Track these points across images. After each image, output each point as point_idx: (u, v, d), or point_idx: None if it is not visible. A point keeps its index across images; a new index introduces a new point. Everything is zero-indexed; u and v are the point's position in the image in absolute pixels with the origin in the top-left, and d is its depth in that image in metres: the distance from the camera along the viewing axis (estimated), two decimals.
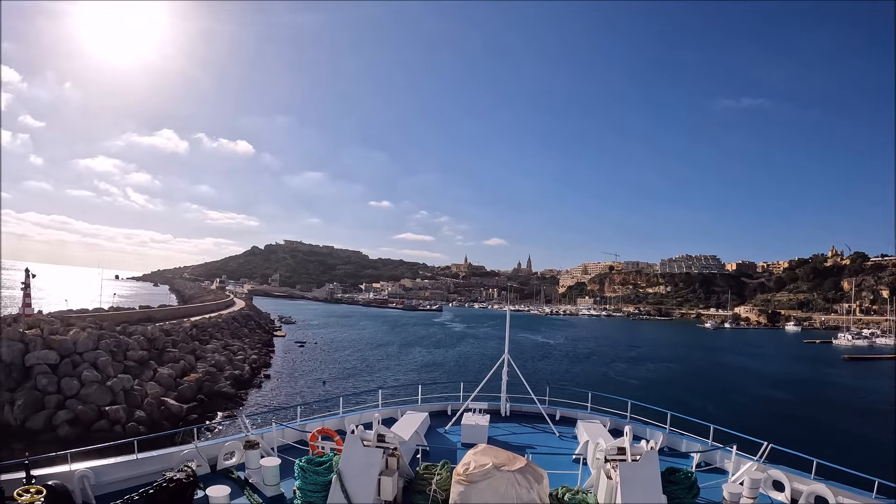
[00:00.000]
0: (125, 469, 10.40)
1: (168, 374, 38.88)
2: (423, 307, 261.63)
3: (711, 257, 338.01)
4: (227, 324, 67.94)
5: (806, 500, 10.96)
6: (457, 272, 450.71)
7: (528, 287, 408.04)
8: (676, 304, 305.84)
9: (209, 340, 54.59)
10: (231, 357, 51.69)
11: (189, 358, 44.93)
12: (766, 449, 12.18)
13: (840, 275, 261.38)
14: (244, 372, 48.92)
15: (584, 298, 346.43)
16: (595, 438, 13.04)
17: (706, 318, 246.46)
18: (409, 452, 12.11)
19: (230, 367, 48.45)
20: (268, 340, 76.59)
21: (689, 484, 9.90)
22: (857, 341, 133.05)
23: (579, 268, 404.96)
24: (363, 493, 8.94)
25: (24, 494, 7.68)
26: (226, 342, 57.53)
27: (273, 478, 10.71)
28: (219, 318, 66.83)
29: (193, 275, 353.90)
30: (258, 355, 59.33)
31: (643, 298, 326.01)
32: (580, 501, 9.31)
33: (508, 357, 17.76)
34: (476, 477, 8.51)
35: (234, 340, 60.75)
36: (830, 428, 41.59)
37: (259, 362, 56.07)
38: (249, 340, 66.95)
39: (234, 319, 74.50)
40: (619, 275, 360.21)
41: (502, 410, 18.32)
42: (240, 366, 50.09)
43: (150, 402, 33.46)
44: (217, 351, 51.32)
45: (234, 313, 79.93)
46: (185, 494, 9.12)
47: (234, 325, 69.97)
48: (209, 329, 58.40)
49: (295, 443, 13.45)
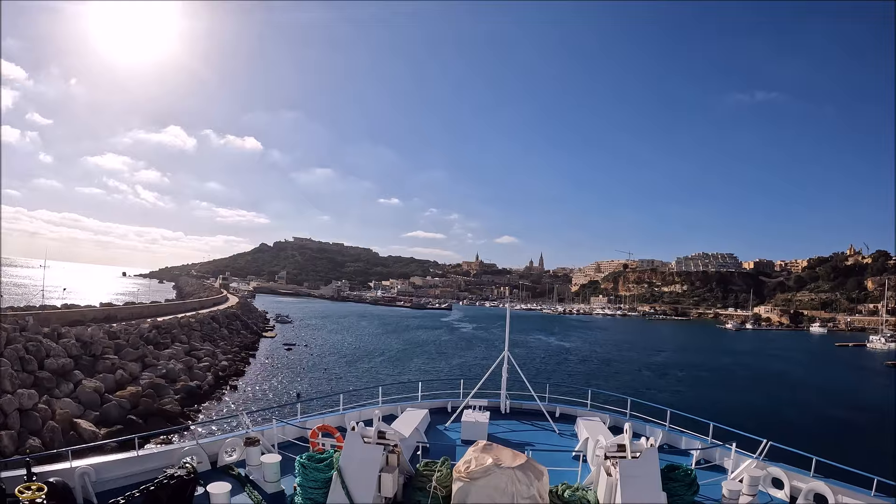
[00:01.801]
0: (126, 466, 10.27)
1: (94, 387, 31.74)
2: (431, 306, 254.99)
3: (728, 255, 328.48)
4: (202, 324, 60.70)
5: (805, 497, 10.82)
6: (468, 270, 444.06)
7: (541, 285, 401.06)
8: (693, 304, 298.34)
9: (170, 344, 47.43)
10: (192, 364, 44.50)
11: (132, 367, 37.83)
12: (765, 446, 11.96)
13: (862, 274, 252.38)
14: (204, 383, 41.73)
15: (598, 297, 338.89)
16: (595, 435, 12.97)
17: (725, 319, 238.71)
18: (410, 449, 12.02)
19: (187, 376, 41.30)
20: (252, 343, 69.47)
21: (688, 481, 9.77)
22: (891, 344, 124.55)
23: (592, 266, 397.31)
24: (363, 490, 8.87)
25: (25, 492, 7.42)
26: (192, 346, 50.35)
27: (273, 474, 10.48)
28: (191, 318, 59.55)
29: (200, 272, 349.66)
30: (231, 361, 52.14)
31: (659, 297, 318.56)
32: (580, 498, 9.16)
33: (508, 354, 17.90)
34: (476, 474, 8.49)
35: (205, 344, 53.55)
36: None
37: (229, 370, 48.85)
38: (226, 343, 59.80)
39: (214, 319, 67.22)
40: (634, 273, 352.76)
41: (502, 407, 18.19)
42: (200, 375, 42.91)
43: (53, 427, 26.20)
44: (176, 357, 44.17)
45: (216, 312, 72.83)
46: (186, 491, 8.92)
47: (211, 326, 62.68)
48: (173, 331, 51.18)
49: (295, 439, 13.13)
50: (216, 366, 47.74)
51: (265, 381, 49.19)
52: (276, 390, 44.65)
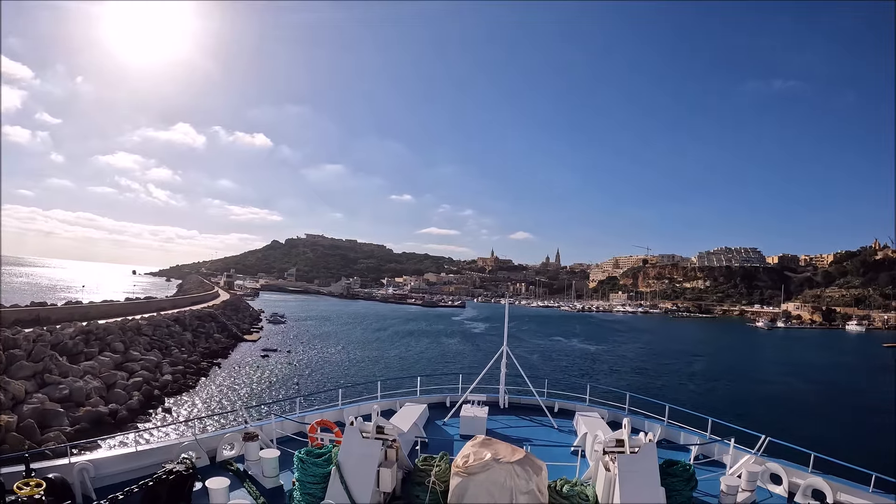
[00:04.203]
0: (125, 461, 10.17)
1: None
2: (443, 303, 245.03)
3: (752, 250, 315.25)
4: (156, 327, 51.38)
5: (803, 493, 10.87)
6: (483, 266, 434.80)
7: (558, 281, 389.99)
8: (717, 300, 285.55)
9: (95, 354, 38.18)
10: (116, 381, 35.30)
11: (17, 387, 28.57)
12: (763, 442, 12.01)
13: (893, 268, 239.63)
14: (124, 406, 32.48)
15: (617, 293, 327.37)
16: (593, 431, 12.91)
17: (754, 317, 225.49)
18: (408, 444, 12.00)
19: (101, 398, 32.15)
20: (223, 349, 60.18)
21: (687, 476, 9.68)
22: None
23: (610, 261, 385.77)
24: (362, 485, 8.81)
25: (24, 488, 7.16)
26: (128, 356, 41.07)
27: (272, 469, 10.40)
28: (142, 321, 50.27)
29: (210, 270, 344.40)
30: (181, 374, 42.86)
31: (680, 294, 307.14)
32: (578, 493, 9.07)
33: (507, 349, 17.78)
34: (475, 469, 8.44)
35: (150, 353, 44.22)
36: None
37: (171, 387, 39.56)
38: (185, 351, 50.50)
39: (177, 321, 57.98)
40: (654, 268, 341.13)
41: (501, 402, 18.01)
42: (122, 396, 33.66)
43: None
44: (92, 372, 34.94)
45: (184, 313, 63.66)
46: (185, 486, 8.92)
47: (169, 330, 53.37)
48: (109, 337, 41.91)
49: (294, 434, 13.16)
50: (154, 381, 38.46)
51: (214, 398, 39.87)
52: (227, 413, 35.16)
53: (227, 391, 42.47)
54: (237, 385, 44.73)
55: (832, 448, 12.32)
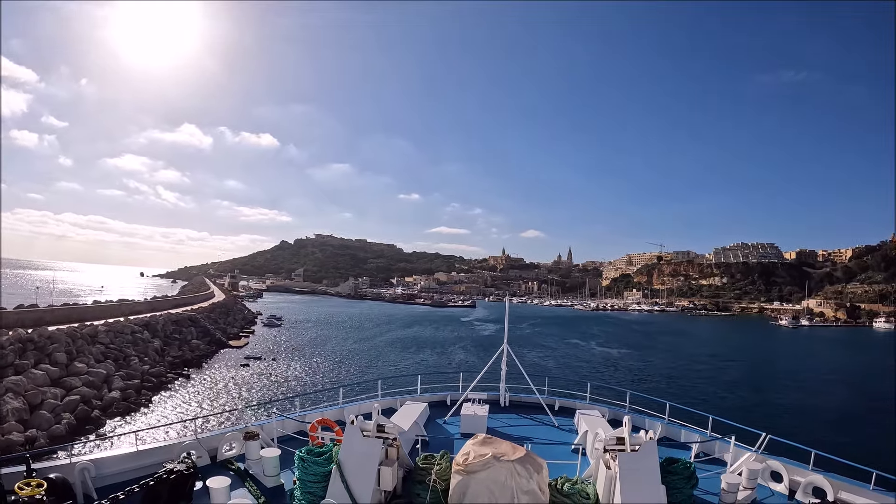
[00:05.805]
0: (126, 461, 10.08)
1: None
2: (453, 303, 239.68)
3: (770, 245, 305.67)
4: (117, 334, 45.86)
5: (804, 491, 10.73)
6: (494, 265, 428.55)
7: (570, 280, 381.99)
8: (735, 298, 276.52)
9: (27, 368, 32.70)
10: (43, 400, 29.91)
11: None
12: (764, 440, 11.91)
13: None
14: (46, 432, 27.02)
15: (632, 291, 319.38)
16: (594, 429, 12.77)
17: (775, 314, 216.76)
18: (409, 443, 11.91)
19: (18, 423, 26.69)
20: (199, 357, 54.71)
21: (687, 474, 9.62)
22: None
23: (624, 259, 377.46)
24: (363, 484, 8.74)
25: (25, 488, 7.17)
26: (71, 369, 35.65)
27: (273, 468, 10.35)
28: (101, 327, 44.80)
29: (218, 271, 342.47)
30: (134, 390, 37.42)
31: (696, 291, 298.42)
32: (579, 491, 8.99)
33: (507, 347, 17.62)
34: (475, 467, 8.38)
35: (103, 364, 38.80)
36: None
37: (119, 406, 34.06)
38: (151, 359, 45.03)
39: (146, 326, 52.51)
40: (669, 265, 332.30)
41: (501, 401, 17.89)
42: (45, 420, 28.26)
43: None
44: (15, 389, 29.42)
45: (157, 317, 58.24)
46: (186, 486, 8.83)
47: (133, 337, 47.79)
48: (51, 347, 36.50)
49: (295, 433, 13.05)
50: (95, 400, 33.05)
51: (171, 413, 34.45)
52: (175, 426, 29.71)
53: (198, 403, 37.27)
54: (208, 396, 39.41)
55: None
